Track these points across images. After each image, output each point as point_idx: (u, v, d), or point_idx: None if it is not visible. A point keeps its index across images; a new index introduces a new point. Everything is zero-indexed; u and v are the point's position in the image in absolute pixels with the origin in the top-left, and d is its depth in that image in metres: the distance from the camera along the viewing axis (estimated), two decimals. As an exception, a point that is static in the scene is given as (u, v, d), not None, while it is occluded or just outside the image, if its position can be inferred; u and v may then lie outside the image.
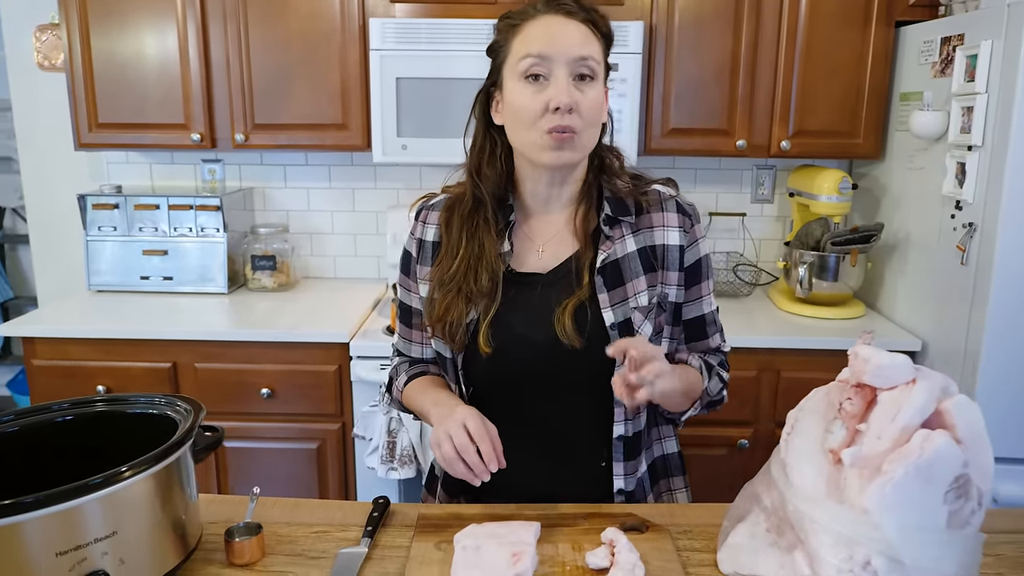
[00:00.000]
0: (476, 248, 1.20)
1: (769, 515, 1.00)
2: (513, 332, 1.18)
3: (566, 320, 1.15)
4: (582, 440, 1.23)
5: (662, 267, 1.22)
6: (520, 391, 1.22)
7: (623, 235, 1.21)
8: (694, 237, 1.24)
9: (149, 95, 2.37)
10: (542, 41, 1.12)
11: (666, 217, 1.23)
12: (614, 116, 2.23)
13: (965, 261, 1.96)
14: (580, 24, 1.14)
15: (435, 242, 1.26)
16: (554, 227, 1.24)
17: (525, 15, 1.15)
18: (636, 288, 1.19)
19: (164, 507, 0.96)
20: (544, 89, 1.12)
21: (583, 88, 1.13)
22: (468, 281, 1.18)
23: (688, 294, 1.25)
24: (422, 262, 1.27)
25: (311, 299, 2.57)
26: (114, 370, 2.21)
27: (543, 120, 1.12)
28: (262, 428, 2.26)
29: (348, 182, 2.77)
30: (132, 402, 1.06)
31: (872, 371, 0.94)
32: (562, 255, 1.22)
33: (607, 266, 1.19)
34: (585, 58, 1.12)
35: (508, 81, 1.15)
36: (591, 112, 1.14)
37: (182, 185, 2.78)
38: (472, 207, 1.22)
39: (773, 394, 2.24)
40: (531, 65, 1.12)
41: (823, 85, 2.32)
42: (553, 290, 1.20)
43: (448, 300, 1.19)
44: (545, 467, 1.24)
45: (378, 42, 2.23)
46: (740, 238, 2.76)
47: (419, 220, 1.29)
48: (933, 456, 0.86)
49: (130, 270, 2.55)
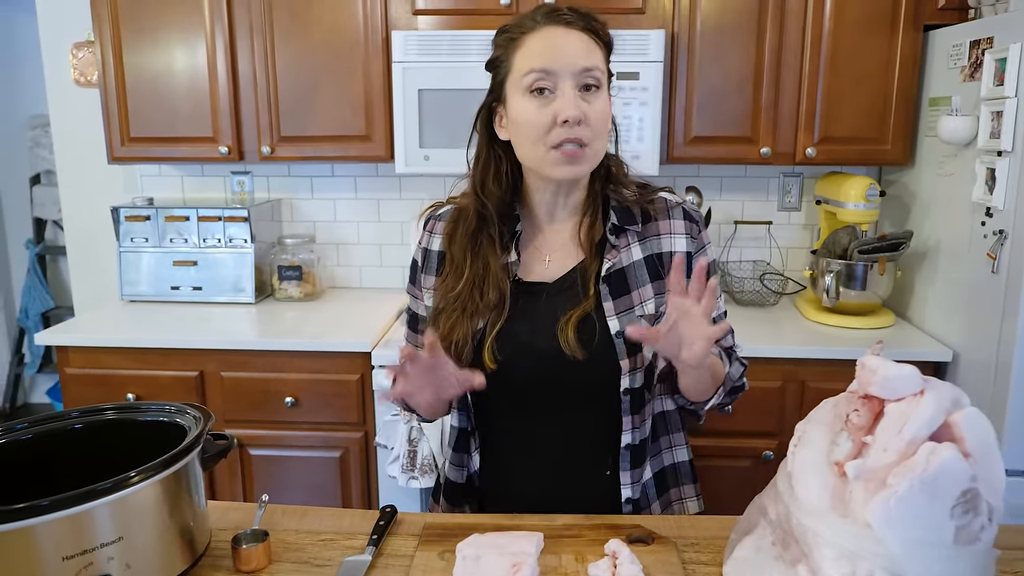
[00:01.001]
0: (480, 268, 1.20)
1: (775, 528, 0.98)
2: (518, 341, 1.18)
3: (569, 331, 1.15)
4: (588, 449, 1.23)
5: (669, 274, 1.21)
6: (525, 401, 1.22)
7: (629, 244, 1.21)
8: (702, 243, 1.24)
9: (179, 109, 2.43)
10: (545, 54, 1.11)
11: (673, 224, 1.22)
12: (636, 124, 2.26)
13: (996, 269, 1.91)
14: (581, 33, 1.13)
15: (440, 252, 1.27)
16: (560, 237, 1.25)
17: (524, 28, 1.14)
18: (643, 296, 1.19)
19: (171, 513, 0.98)
20: (550, 103, 1.11)
21: (590, 99, 1.12)
22: (474, 299, 1.19)
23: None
24: (427, 271, 1.28)
25: (336, 309, 2.60)
26: (143, 378, 2.26)
27: (551, 135, 1.11)
28: (286, 436, 2.28)
29: (374, 193, 2.80)
30: (143, 410, 1.08)
31: (879, 382, 0.92)
32: (568, 264, 1.22)
33: (612, 275, 1.19)
34: (590, 69, 1.12)
35: (512, 96, 1.15)
36: (599, 122, 1.13)
37: (212, 197, 2.84)
38: (476, 225, 1.22)
39: (799, 405, 2.20)
40: (536, 80, 1.11)
41: (849, 91, 2.29)
42: (559, 300, 1.20)
43: (453, 320, 1.19)
44: (551, 476, 1.23)
45: (400, 54, 2.26)
46: (767, 246, 2.73)
47: (426, 230, 1.30)
48: (939, 469, 0.84)
49: (161, 280, 2.61)
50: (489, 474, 1.27)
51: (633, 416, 1.21)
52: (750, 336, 2.26)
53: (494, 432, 1.26)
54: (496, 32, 1.19)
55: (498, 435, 1.26)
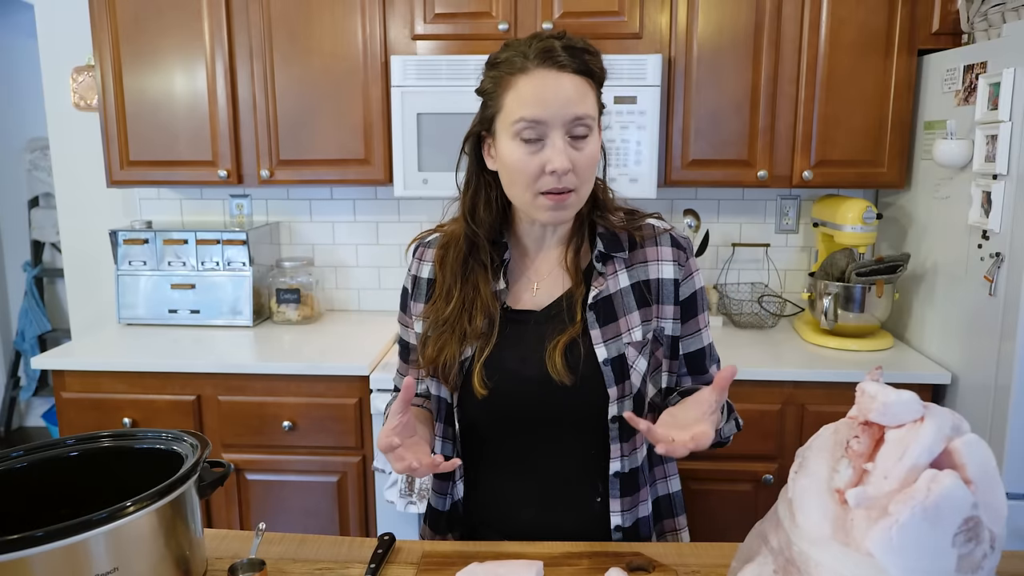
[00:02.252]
0: (471, 292, 1.20)
1: (776, 556, 0.98)
2: (506, 369, 1.18)
3: (556, 357, 1.15)
4: (577, 477, 1.22)
5: (656, 301, 1.21)
6: (514, 428, 1.21)
7: (616, 271, 1.21)
8: (689, 270, 1.24)
9: (178, 133, 2.44)
10: (536, 103, 1.09)
11: (660, 251, 1.22)
12: (634, 148, 2.27)
13: (993, 292, 1.92)
14: (574, 77, 1.11)
15: (430, 279, 1.26)
16: (548, 264, 1.25)
17: (515, 67, 1.11)
18: (630, 323, 1.19)
19: (167, 543, 0.97)
20: (539, 151, 1.10)
21: (580, 146, 1.11)
22: (463, 322, 1.18)
23: (686, 327, 1.25)
24: (416, 299, 1.28)
25: (334, 332, 2.59)
26: (140, 403, 2.25)
27: (539, 182, 1.11)
28: (283, 461, 2.27)
29: (372, 216, 2.81)
30: (139, 437, 1.07)
31: (879, 409, 0.92)
32: (556, 292, 1.23)
33: (599, 302, 1.19)
34: (581, 117, 1.10)
35: (501, 137, 1.14)
36: (587, 169, 1.13)
37: (211, 220, 2.84)
38: (467, 251, 1.22)
39: (798, 428, 2.19)
40: (524, 128, 1.10)
41: (845, 115, 2.30)
42: (547, 327, 1.19)
43: (442, 341, 1.19)
44: (540, 504, 1.22)
45: (399, 79, 2.28)
46: (765, 269, 2.73)
47: (415, 258, 1.30)
48: (940, 497, 0.83)
49: (159, 304, 2.61)
50: (474, 501, 1.26)
51: (622, 444, 1.20)
52: (749, 359, 2.26)
53: (481, 459, 1.25)
54: (487, 61, 1.17)
55: (485, 462, 1.25)
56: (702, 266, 2.72)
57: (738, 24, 2.28)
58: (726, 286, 2.69)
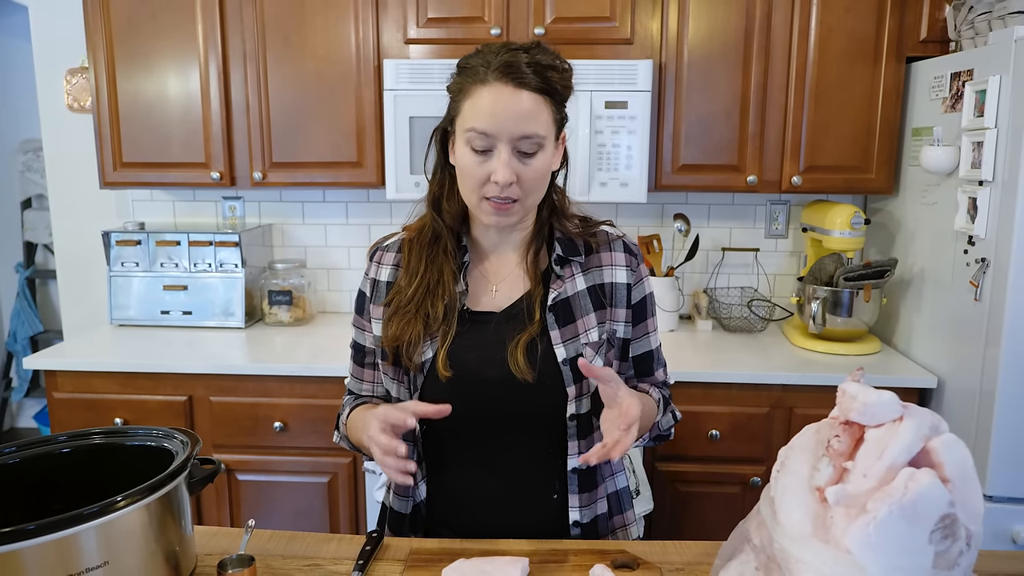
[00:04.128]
0: (435, 274, 1.23)
1: (758, 554, 0.99)
2: (467, 368, 1.20)
3: (519, 356, 1.18)
4: (535, 473, 1.25)
5: (611, 304, 1.26)
6: (475, 426, 1.23)
7: (573, 274, 1.25)
8: (640, 276, 1.29)
9: (172, 135, 2.45)
10: (487, 117, 1.11)
11: (614, 256, 1.27)
12: (624, 152, 2.29)
13: (979, 297, 1.94)
14: (532, 95, 1.12)
15: (389, 282, 1.28)
16: (507, 267, 1.28)
17: (476, 77, 1.13)
18: (587, 325, 1.23)
19: (158, 538, 0.98)
20: (487, 161, 1.13)
21: (527, 161, 1.14)
22: (426, 305, 1.21)
23: (636, 330, 1.29)
24: (375, 301, 1.29)
25: (326, 333, 2.60)
26: (132, 403, 2.25)
27: (484, 188, 1.15)
28: (275, 462, 2.28)
29: (365, 218, 2.82)
30: (131, 435, 1.08)
31: (859, 408, 0.94)
32: (515, 294, 1.25)
33: (558, 304, 1.23)
34: (529, 136, 1.13)
35: (458, 139, 1.17)
36: (533, 182, 1.16)
37: (204, 222, 2.85)
38: (431, 238, 1.25)
39: (786, 431, 2.21)
40: (475, 138, 1.13)
41: (834, 121, 2.33)
42: (507, 328, 1.22)
43: (406, 320, 1.21)
44: (499, 501, 1.25)
45: (392, 82, 2.29)
46: (754, 273, 2.75)
47: (373, 261, 1.32)
48: (917, 495, 0.85)
49: (151, 305, 2.61)
50: (436, 501, 1.28)
51: (579, 441, 1.23)
52: (738, 362, 2.28)
53: (442, 460, 1.27)
54: (458, 63, 1.20)
55: (446, 461, 1.27)
56: (692, 270, 2.75)
57: (728, 31, 2.30)
58: (716, 290, 2.71)
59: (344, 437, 1.35)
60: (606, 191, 2.31)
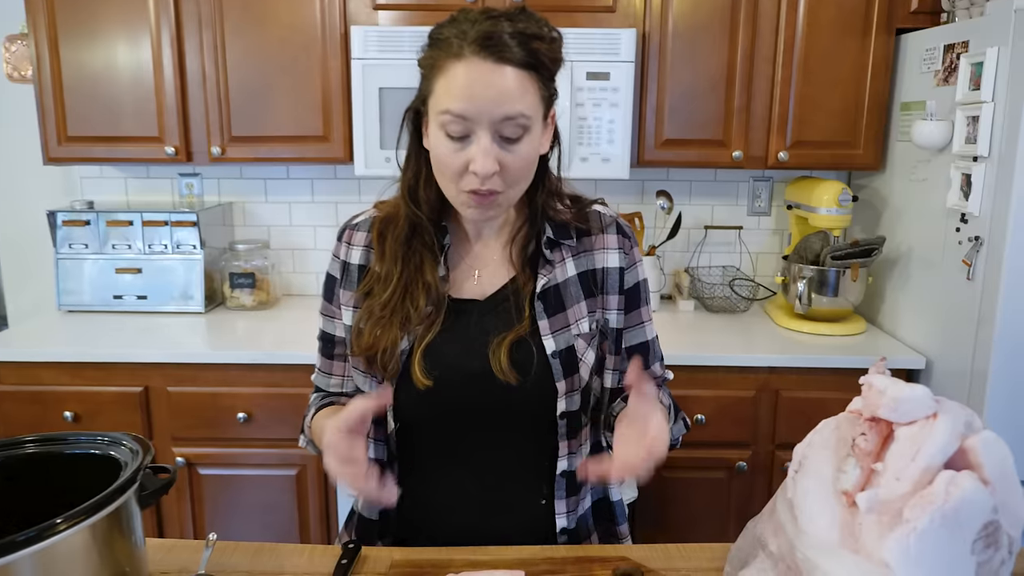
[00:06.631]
0: (413, 271, 1.10)
1: (776, 562, 0.91)
2: (447, 363, 1.08)
3: (502, 354, 1.06)
4: (520, 476, 1.14)
5: (602, 291, 1.14)
6: (454, 425, 1.12)
7: (564, 259, 1.13)
8: (633, 260, 1.17)
9: (121, 107, 2.28)
10: (463, 98, 0.96)
11: (606, 239, 1.16)
12: (606, 126, 2.18)
13: (971, 276, 1.88)
14: (515, 71, 0.97)
15: (361, 265, 1.15)
16: (490, 251, 1.16)
17: (450, 50, 0.97)
18: (577, 314, 1.12)
19: (104, 561, 0.86)
20: (465, 148, 0.99)
21: (510, 148, 0.99)
22: (406, 307, 1.08)
23: (628, 319, 1.18)
24: (346, 286, 1.16)
25: (292, 318, 2.47)
26: (83, 395, 2.11)
27: (463, 180, 1.01)
28: (239, 454, 2.15)
29: (331, 196, 2.68)
30: (70, 442, 0.95)
31: (888, 404, 0.85)
32: (499, 281, 1.14)
33: (547, 292, 1.11)
34: (513, 117, 0.97)
35: (431, 122, 1.02)
36: (518, 170, 1.02)
37: (159, 200, 2.68)
38: (408, 232, 1.11)
39: (772, 414, 2.14)
40: (450, 122, 0.97)
41: (822, 95, 2.25)
42: (491, 318, 1.11)
43: (380, 328, 1.08)
44: (480, 505, 1.14)
45: (360, 51, 2.15)
46: (736, 252, 2.68)
47: (343, 241, 1.18)
48: (960, 501, 0.77)
49: (103, 289, 2.45)
50: (410, 505, 1.16)
51: (570, 441, 1.13)
52: (722, 344, 2.21)
53: (416, 461, 1.16)
54: (430, 33, 1.03)
55: (422, 463, 1.16)
56: (675, 249, 2.67)
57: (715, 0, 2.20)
58: (697, 269, 2.63)
59: (310, 442, 1.22)
60: (587, 167, 2.21)
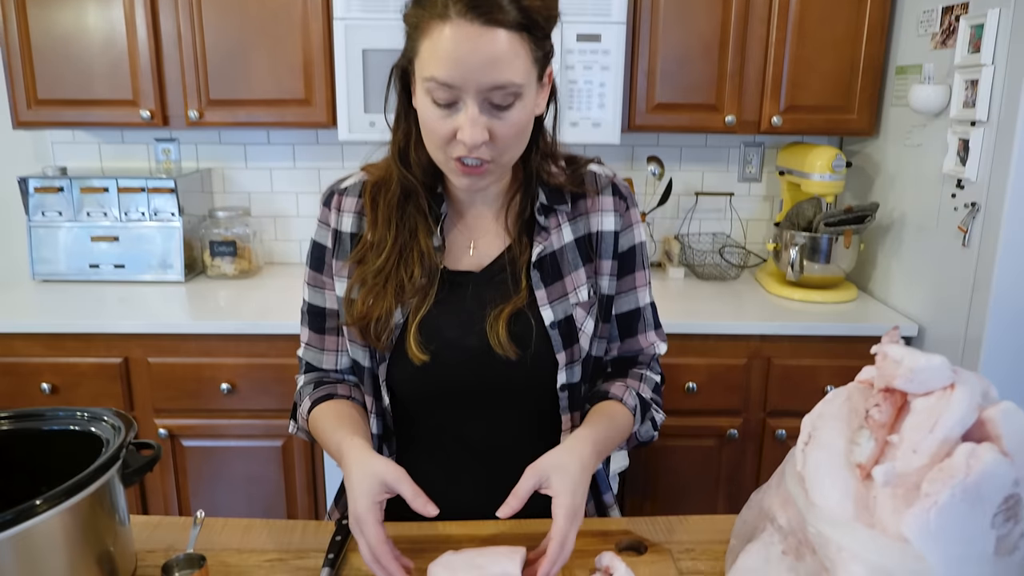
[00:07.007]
0: (407, 237, 1.05)
1: (785, 536, 0.88)
2: (444, 337, 1.05)
3: (500, 328, 1.02)
4: (521, 452, 1.08)
5: (597, 256, 1.10)
6: (451, 402, 1.09)
7: (559, 224, 1.09)
8: (629, 221, 1.13)
9: (93, 69, 2.19)
10: (448, 64, 0.89)
11: (602, 201, 1.11)
12: (597, 90, 2.12)
13: (967, 243, 1.86)
14: (506, 33, 0.89)
15: (353, 233, 1.09)
16: (485, 220, 1.11)
17: (435, 10, 0.90)
18: (576, 282, 1.08)
19: (87, 543, 0.82)
20: (452, 115, 0.93)
21: (501, 115, 0.93)
22: (400, 275, 1.04)
23: (620, 284, 1.14)
24: (339, 255, 1.10)
25: (275, 286, 2.41)
26: (60, 367, 2.05)
27: (451, 147, 0.95)
28: (222, 426, 2.11)
29: (313, 162, 2.61)
30: (48, 418, 0.91)
31: (905, 375, 0.82)
32: (494, 251, 1.09)
33: (544, 260, 1.07)
34: (503, 85, 0.91)
35: (418, 86, 0.96)
36: (509, 139, 0.96)
37: (134, 167, 2.60)
38: (401, 196, 1.06)
39: (763, 382, 2.13)
40: (434, 89, 0.91)
41: (817, 57, 2.20)
42: (486, 291, 1.06)
43: (373, 296, 1.03)
44: (478, 483, 1.11)
45: (342, 10, 2.07)
46: (727, 218, 2.65)
47: (332, 208, 1.12)
48: (981, 475, 0.74)
49: (79, 258, 2.37)
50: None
51: (572, 413, 1.10)
52: (713, 312, 2.18)
53: (412, 437, 1.13)
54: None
55: (418, 438, 1.13)
56: (665, 216, 2.63)
57: (708, -43, 2.14)
58: (688, 236, 2.60)
59: (305, 431, 1.16)
60: (577, 132, 2.15)
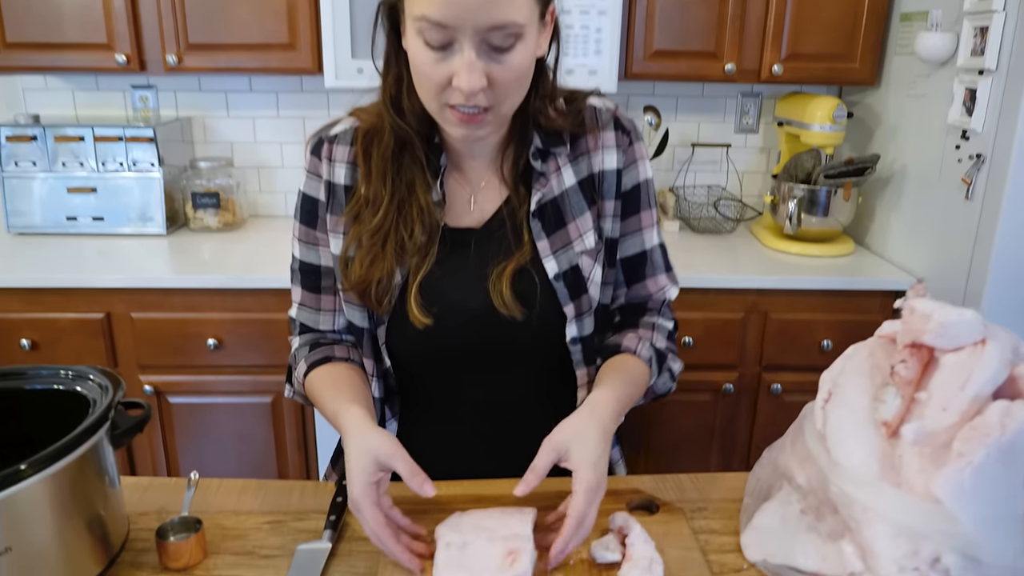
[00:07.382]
0: (405, 192, 0.98)
1: (805, 495, 0.86)
2: (446, 300, 0.99)
3: (504, 287, 0.97)
4: (530, 413, 1.06)
5: (601, 197, 1.03)
6: (455, 364, 1.04)
7: (559, 167, 1.02)
8: (632, 157, 1.05)
9: (64, 10, 2.07)
10: (442, 2, 0.81)
11: (603, 137, 1.03)
12: (594, 36, 2.04)
13: (970, 195, 1.83)
14: None
15: (347, 185, 1.02)
16: (483, 171, 1.04)
17: None
18: (581, 228, 1.02)
19: (75, 507, 0.78)
20: (447, 58, 0.85)
21: (500, 59, 0.86)
22: (399, 234, 0.97)
23: (625, 225, 1.07)
24: (334, 209, 1.03)
25: (260, 239, 2.34)
26: (40, 322, 1.98)
27: (446, 94, 0.88)
28: (210, 382, 2.06)
29: (298, 110, 2.51)
30: (30, 376, 0.85)
31: (935, 330, 0.79)
32: (494, 205, 1.03)
33: (544, 208, 1.01)
34: (502, 26, 0.83)
35: (408, 26, 0.87)
36: (509, 84, 0.88)
37: (111, 115, 2.49)
38: (396, 147, 0.98)
39: (760, 336, 2.11)
40: (427, 29, 0.83)
41: (820, 3, 2.13)
42: (488, 248, 1.01)
43: (372, 257, 0.97)
44: (485, 447, 1.07)
45: (328, -52, 1.97)
46: (722, 171, 2.60)
47: (322, 157, 1.03)
48: (1016, 434, 0.71)
49: (55, 210, 2.29)
50: (410, 442, 1.05)
51: (588, 368, 1.06)
52: (708, 265, 2.15)
53: (418, 397, 1.09)
54: None
55: (422, 400, 1.09)
56: (660, 167, 2.57)
57: None
58: (683, 189, 2.55)
59: (302, 396, 1.10)
60: (573, 79, 2.08)
